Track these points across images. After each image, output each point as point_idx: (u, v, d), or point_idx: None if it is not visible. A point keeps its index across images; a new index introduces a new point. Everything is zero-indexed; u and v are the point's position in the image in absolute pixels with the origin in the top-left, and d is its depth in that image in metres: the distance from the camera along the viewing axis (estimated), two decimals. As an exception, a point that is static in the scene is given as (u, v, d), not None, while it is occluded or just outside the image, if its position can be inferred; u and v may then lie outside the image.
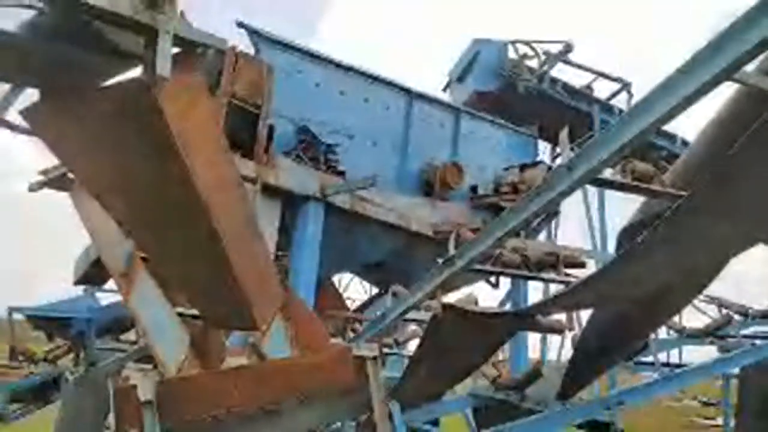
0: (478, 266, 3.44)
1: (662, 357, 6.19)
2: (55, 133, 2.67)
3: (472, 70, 9.29)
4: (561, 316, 3.95)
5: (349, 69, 6.15)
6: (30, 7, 2.32)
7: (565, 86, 9.52)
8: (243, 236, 2.89)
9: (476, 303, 4.66)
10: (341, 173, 5.61)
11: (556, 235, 8.82)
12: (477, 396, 4.49)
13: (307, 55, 5.76)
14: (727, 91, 2.73)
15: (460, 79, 9.58)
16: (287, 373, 3.08)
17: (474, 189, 7.37)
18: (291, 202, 5.20)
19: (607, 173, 2.75)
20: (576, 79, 9.91)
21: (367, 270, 7.54)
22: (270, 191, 4.91)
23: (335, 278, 8.95)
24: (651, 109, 1.97)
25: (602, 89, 10.10)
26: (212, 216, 2.62)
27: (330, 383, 3.11)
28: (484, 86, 9.10)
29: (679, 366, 4.76)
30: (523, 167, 7.25)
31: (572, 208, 9.87)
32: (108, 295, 7.29)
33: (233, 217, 2.82)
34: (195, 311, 3.66)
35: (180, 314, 3.75)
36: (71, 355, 6.91)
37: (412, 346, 5.93)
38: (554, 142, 10.17)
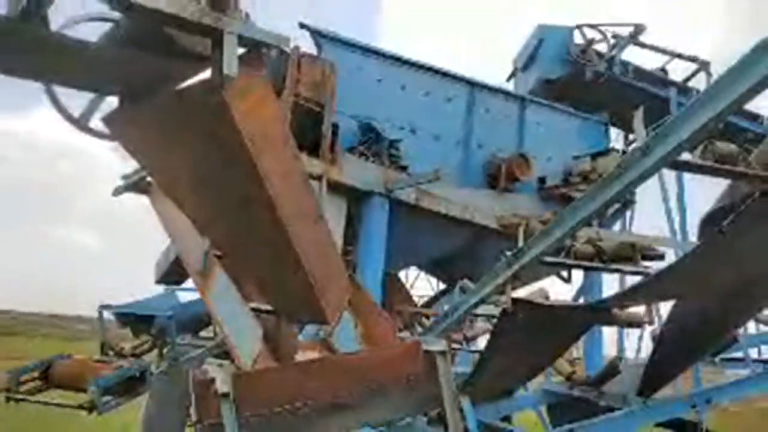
0: (549, 258, 3.33)
1: (754, 353, 5.78)
2: (133, 138, 2.82)
3: (537, 58, 9.03)
4: (639, 310, 3.77)
5: (409, 63, 6.13)
6: (105, 20, 2.44)
7: (637, 70, 9.07)
8: (311, 230, 2.94)
9: (547, 297, 4.53)
10: (404, 168, 5.61)
11: (631, 226, 8.43)
12: (551, 393, 4.37)
13: (367, 52, 5.80)
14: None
15: (525, 67, 9.34)
16: (358, 366, 3.10)
17: (542, 180, 7.16)
18: (356, 198, 5.25)
19: (686, 156, 2.58)
20: (650, 61, 9.43)
21: (433, 265, 7.51)
22: (335, 188, 4.98)
23: (402, 274, 8.99)
24: (731, 87, 1.83)
25: (678, 71, 9.57)
26: (280, 211, 2.68)
27: (400, 377, 3.10)
28: (550, 73, 8.83)
29: (773, 362, 4.41)
30: (594, 156, 6.98)
31: (648, 196, 9.42)
32: (188, 293, 7.62)
33: (301, 211, 2.88)
34: (268, 306, 3.77)
35: (254, 309, 3.87)
36: (156, 351, 7.29)
37: (481, 342, 5.84)
38: (627, 128, 9.72)
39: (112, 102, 2.95)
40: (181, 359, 6.57)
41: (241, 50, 2.37)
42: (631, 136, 9.79)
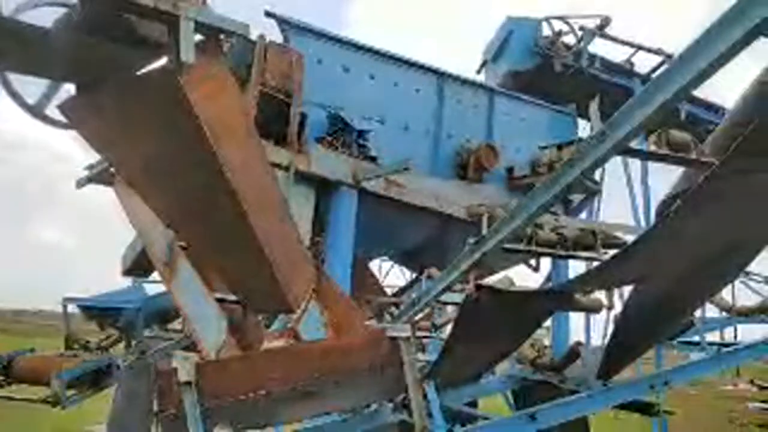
0: (510, 246, 3.39)
1: (715, 338, 5.97)
2: (91, 126, 2.77)
3: (507, 50, 9.11)
4: (600, 296, 3.87)
5: (378, 53, 6.12)
6: (61, 4, 2.39)
7: (604, 62, 9.23)
8: (273, 219, 2.94)
9: (512, 285, 4.61)
10: (373, 159, 5.62)
11: (598, 216, 8.61)
12: (516, 378, 4.46)
13: (335, 42, 5.77)
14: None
15: (495, 59, 9.41)
16: (322, 354, 3.12)
17: (510, 170, 7.25)
18: (324, 188, 5.24)
19: (641, 145, 2.66)
20: (615, 54, 9.60)
21: (404, 255, 7.55)
22: (303, 178, 4.97)
23: (375, 265, 9.02)
24: (680, 72, 1.89)
25: (644, 63, 9.76)
26: (242, 200, 2.67)
27: (364, 364, 3.13)
28: (519, 65, 8.92)
29: (729, 345, 4.58)
30: (560, 146, 7.09)
31: (616, 187, 9.62)
32: (155, 286, 7.53)
33: (263, 201, 2.87)
34: (233, 296, 3.75)
35: (219, 300, 3.86)
36: (123, 344, 7.20)
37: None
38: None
39: (69, 89, 2.89)
40: (148, 352, 6.51)
41: (199, 37, 2.36)
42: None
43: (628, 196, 9.28)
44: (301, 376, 2.95)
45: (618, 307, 3.91)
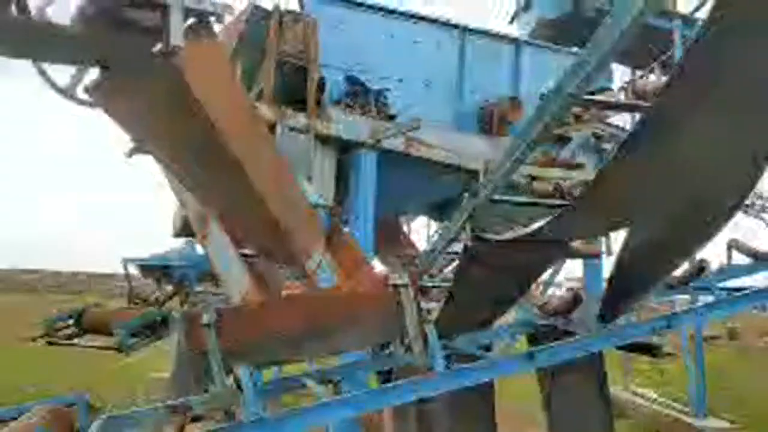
0: (497, 197, 3.57)
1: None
2: (111, 105, 3.14)
3: (537, -3, 8.93)
4: (599, 242, 3.99)
5: (395, 13, 6.22)
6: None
7: (642, 3, 8.84)
8: (275, 180, 3.25)
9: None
10: (392, 117, 5.80)
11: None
12: (525, 323, 4.67)
13: (351, 5, 5.90)
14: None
15: (526, 7, 9.25)
16: (330, 300, 3.46)
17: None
18: (345, 149, 5.51)
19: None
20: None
21: (433, 210, 7.78)
22: (324, 141, 5.24)
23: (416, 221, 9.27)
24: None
25: (685, 2, 9.29)
26: (245, 166, 2.99)
27: (368, 309, 3.45)
28: (549, 13, 8.75)
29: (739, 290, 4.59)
30: (592, 93, 7.01)
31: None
32: (206, 245, 8.08)
33: (264, 165, 3.19)
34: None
35: (244, 255, 4.27)
36: (178, 299, 7.89)
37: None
38: (633, 64, 9.58)
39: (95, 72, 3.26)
40: (199, 305, 7.13)
41: (191, 20, 2.64)
42: (638, 72, 9.65)
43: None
44: (311, 320, 3.31)
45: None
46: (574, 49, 7.82)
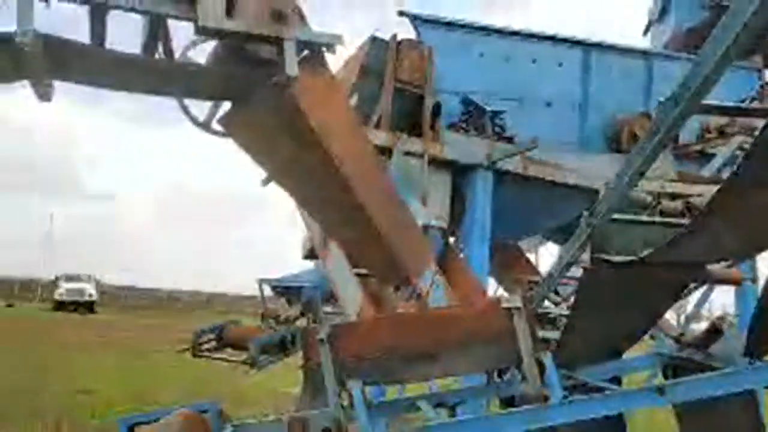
0: (617, 216, 3.32)
1: None
2: (240, 135, 3.46)
3: (672, 6, 8.32)
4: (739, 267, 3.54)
5: (512, 34, 6.14)
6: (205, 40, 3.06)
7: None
8: (385, 204, 3.35)
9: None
10: (509, 139, 5.70)
11: None
12: (661, 355, 4.25)
13: (467, 29, 5.94)
14: None
15: (660, 18, 8.66)
16: (439, 321, 3.45)
17: (675, 139, 6.70)
18: (459, 172, 5.50)
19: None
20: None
21: (557, 233, 7.44)
22: (438, 164, 5.29)
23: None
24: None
25: None
26: (356, 190, 3.12)
27: (480, 333, 3.39)
28: (687, 22, 8.10)
29: None
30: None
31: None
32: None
33: (376, 189, 3.30)
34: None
35: (360, 274, 4.41)
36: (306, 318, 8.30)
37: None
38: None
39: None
40: (323, 323, 7.43)
41: (305, 52, 2.85)
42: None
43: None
44: (422, 340, 3.31)
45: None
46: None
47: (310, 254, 8.27)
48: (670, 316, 5.22)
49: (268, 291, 9.41)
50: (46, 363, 14.37)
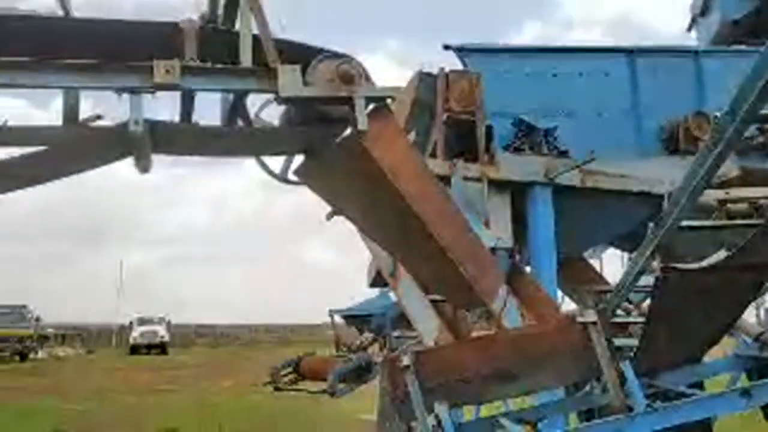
0: (687, 223, 3.40)
1: None
2: (315, 183, 3.78)
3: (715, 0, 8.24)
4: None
5: (555, 51, 6.28)
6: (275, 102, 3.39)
7: None
8: (457, 233, 3.56)
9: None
10: (564, 153, 5.81)
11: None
12: (742, 357, 4.21)
13: (510, 53, 6.12)
14: None
15: (704, 12, 8.57)
16: (517, 341, 3.61)
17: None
18: (518, 192, 5.65)
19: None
20: None
21: (624, 241, 7.40)
22: (497, 186, 5.46)
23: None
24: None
25: None
26: (427, 222, 3.35)
27: (557, 349, 3.52)
28: (733, 13, 7.98)
29: None
30: (791, 97, 6.23)
31: None
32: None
33: (446, 220, 3.52)
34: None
35: (433, 301, 4.61)
36: (377, 345, 8.53)
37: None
38: None
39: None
40: (398, 349, 7.62)
41: (371, 106, 3.13)
42: None
43: None
44: (501, 360, 3.47)
45: None
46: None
47: (376, 282, 8.51)
48: (749, 314, 5.13)
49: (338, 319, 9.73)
50: (129, 403, 15.19)
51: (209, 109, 3.53)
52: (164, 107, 3.11)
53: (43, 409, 14.37)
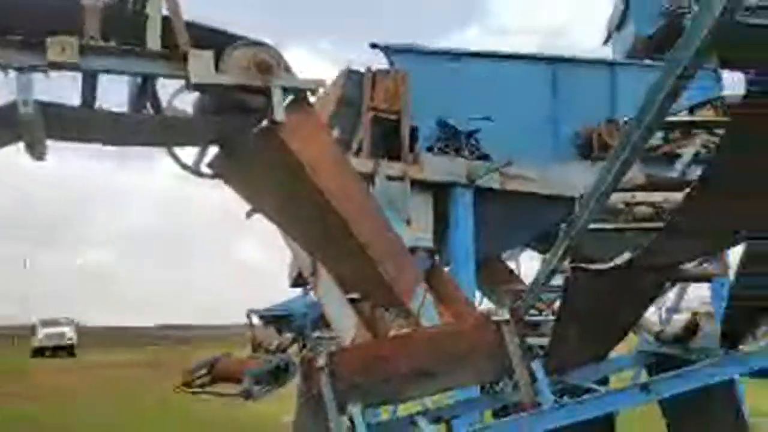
0: (593, 225, 3.52)
1: None
2: (230, 176, 3.61)
3: (630, 16, 8.73)
4: (712, 263, 3.77)
5: (480, 55, 6.41)
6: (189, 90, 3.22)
7: (749, 6, 8.31)
8: (373, 229, 3.51)
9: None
10: (485, 156, 5.93)
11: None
12: (644, 352, 4.45)
13: (436, 55, 6.19)
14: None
15: (619, 27, 9.07)
16: (435, 339, 3.60)
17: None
18: (440, 192, 5.71)
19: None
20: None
21: (539, 242, 7.67)
22: (419, 186, 5.49)
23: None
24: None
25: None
26: (347, 219, 3.29)
27: (474, 347, 3.55)
28: (645, 30, 8.50)
29: None
30: (692, 108, 6.69)
31: None
32: (320, 293, 8.57)
33: (365, 217, 3.47)
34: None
35: (352, 299, 4.54)
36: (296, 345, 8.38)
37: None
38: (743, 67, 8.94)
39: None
40: (317, 350, 7.51)
41: (290, 97, 3.03)
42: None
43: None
44: (419, 359, 3.45)
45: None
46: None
47: (297, 282, 8.35)
48: (651, 311, 5.43)
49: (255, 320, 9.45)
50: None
51: (120, 95, 3.31)
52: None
53: None
